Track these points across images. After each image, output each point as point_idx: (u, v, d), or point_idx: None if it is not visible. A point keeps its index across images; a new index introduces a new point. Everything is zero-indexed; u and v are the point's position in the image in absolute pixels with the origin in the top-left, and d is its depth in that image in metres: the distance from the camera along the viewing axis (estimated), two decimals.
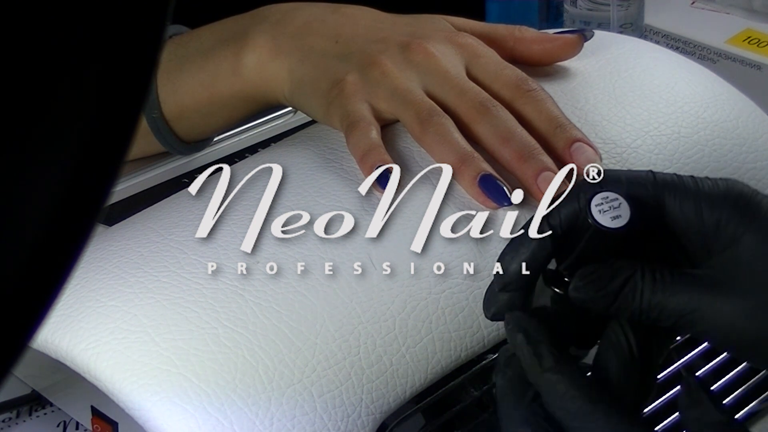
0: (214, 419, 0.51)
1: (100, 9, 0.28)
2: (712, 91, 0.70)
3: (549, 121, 0.62)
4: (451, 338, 0.56)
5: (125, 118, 0.29)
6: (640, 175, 0.52)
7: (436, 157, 0.60)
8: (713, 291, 0.50)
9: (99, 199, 0.30)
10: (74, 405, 0.64)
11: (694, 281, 0.50)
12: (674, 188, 0.52)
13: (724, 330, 0.50)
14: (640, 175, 0.52)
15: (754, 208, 0.51)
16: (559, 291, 0.51)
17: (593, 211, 0.50)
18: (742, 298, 0.50)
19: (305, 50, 0.66)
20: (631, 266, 0.51)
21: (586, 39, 0.69)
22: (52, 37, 0.27)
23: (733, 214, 0.51)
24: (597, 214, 0.50)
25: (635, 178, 0.52)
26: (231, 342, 0.53)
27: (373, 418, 0.53)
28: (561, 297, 0.51)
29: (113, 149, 0.29)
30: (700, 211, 0.51)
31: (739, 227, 0.51)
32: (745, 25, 1.06)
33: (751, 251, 0.50)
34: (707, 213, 0.51)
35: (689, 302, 0.50)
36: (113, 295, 0.55)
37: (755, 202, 0.51)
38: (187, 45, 0.69)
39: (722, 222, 0.51)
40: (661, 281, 0.50)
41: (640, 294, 0.50)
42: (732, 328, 0.50)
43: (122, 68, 0.29)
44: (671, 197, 0.52)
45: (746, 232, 0.51)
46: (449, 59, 0.64)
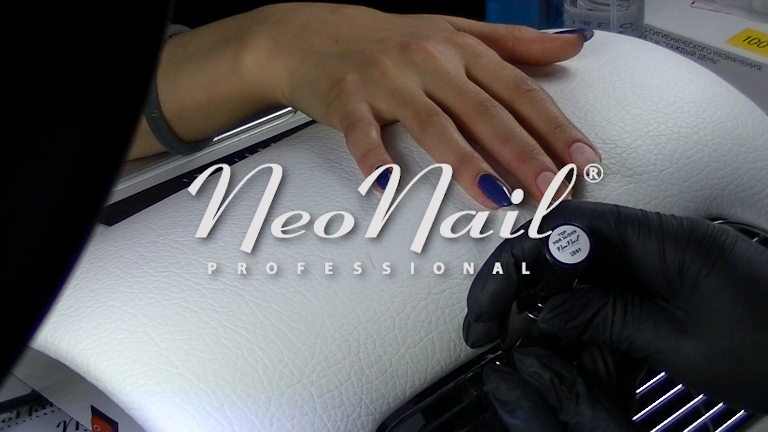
0: (214, 419, 0.51)
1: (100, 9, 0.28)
2: (712, 91, 0.70)
3: (548, 121, 0.62)
4: (451, 338, 0.56)
5: (125, 118, 0.29)
6: (604, 209, 0.52)
7: (436, 157, 0.60)
8: (677, 333, 0.50)
9: (99, 199, 0.30)
10: (74, 405, 0.64)
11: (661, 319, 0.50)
12: (638, 226, 0.51)
13: (684, 372, 0.50)
14: (605, 209, 0.52)
15: (718, 251, 0.50)
16: (533, 316, 0.51)
17: (551, 248, 0.50)
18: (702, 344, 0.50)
19: (305, 50, 0.66)
20: (602, 297, 0.51)
21: (586, 39, 0.69)
22: (52, 36, 0.27)
23: (696, 257, 0.50)
24: (555, 251, 0.50)
25: (599, 212, 0.52)
26: (231, 342, 0.53)
27: (373, 419, 0.53)
28: (534, 321, 0.51)
29: (113, 149, 0.29)
30: (663, 253, 0.51)
31: (702, 270, 0.50)
32: (745, 25, 1.06)
33: (713, 296, 0.50)
34: (670, 254, 0.51)
35: (654, 342, 0.50)
36: (113, 295, 0.55)
37: (718, 244, 0.51)
38: (187, 45, 0.69)
39: (685, 264, 0.50)
40: (630, 314, 0.50)
41: (611, 326, 0.50)
42: (693, 371, 0.50)
43: (122, 68, 0.29)
44: (635, 235, 0.51)
45: (709, 276, 0.50)
46: (449, 59, 0.64)
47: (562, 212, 0.52)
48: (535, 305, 0.52)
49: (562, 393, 0.50)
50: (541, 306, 0.51)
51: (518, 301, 0.52)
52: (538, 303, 0.51)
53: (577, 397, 0.50)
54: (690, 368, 0.50)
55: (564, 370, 0.51)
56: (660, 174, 0.64)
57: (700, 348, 0.50)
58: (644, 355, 0.51)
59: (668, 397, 0.62)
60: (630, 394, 0.53)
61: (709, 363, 0.50)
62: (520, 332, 0.52)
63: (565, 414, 0.50)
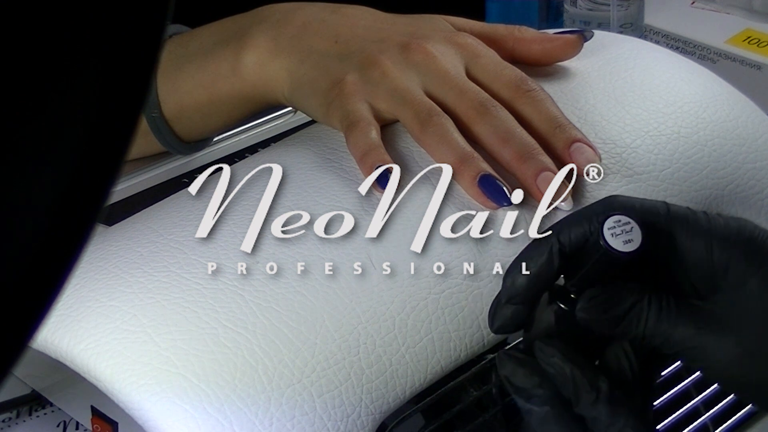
0: (214, 419, 0.51)
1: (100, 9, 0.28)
2: (712, 91, 0.70)
3: (548, 121, 0.62)
4: (450, 338, 0.56)
5: (125, 118, 0.29)
6: (654, 205, 0.52)
7: (436, 157, 0.60)
8: (715, 330, 0.51)
9: (99, 199, 0.30)
10: (74, 405, 0.64)
11: (699, 316, 0.51)
12: (686, 223, 0.52)
13: (718, 369, 0.51)
14: (654, 204, 0.52)
15: (764, 254, 0.51)
16: (564, 307, 0.51)
17: (605, 234, 0.50)
18: (739, 342, 0.50)
19: (305, 50, 0.66)
20: (638, 291, 0.51)
21: (586, 39, 0.69)
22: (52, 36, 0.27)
23: (742, 257, 0.51)
24: (609, 237, 0.50)
25: (649, 207, 0.52)
26: (231, 342, 0.53)
27: (373, 418, 0.53)
28: (565, 313, 0.51)
29: (113, 149, 0.29)
30: (710, 250, 0.51)
31: (748, 270, 0.51)
32: (745, 25, 1.06)
33: (755, 297, 0.51)
34: (717, 253, 0.51)
35: (693, 337, 0.50)
36: (113, 295, 0.55)
37: (765, 247, 0.52)
38: (187, 45, 0.69)
39: (731, 263, 0.51)
40: (666, 310, 0.51)
41: (645, 321, 0.50)
42: (726, 369, 0.51)
43: (122, 68, 0.29)
44: (682, 231, 0.52)
45: (753, 277, 0.51)
46: (449, 59, 0.64)
47: (611, 205, 0.52)
48: (568, 297, 0.52)
49: (582, 386, 0.50)
50: (573, 298, 0.51)
51: (550, 291, 0.52)
52: (570, 295, 0.51)
53: (598, 392, 0.50)
54: (726, 365, 0.50)
55: (585, 365, 0.51)
56: (660, 174, 0.64)
57: (739, 346, 0.50)
58: (679, 350, 0.51)
59: (668, 397, 0.62)
60: (649, 395, 0.53)
61: (746, 361, 0.50)
62: (546, 324, 0.52)
63: (581, 408, 0.50)
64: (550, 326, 0.52)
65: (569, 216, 0.53)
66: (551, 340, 0.51)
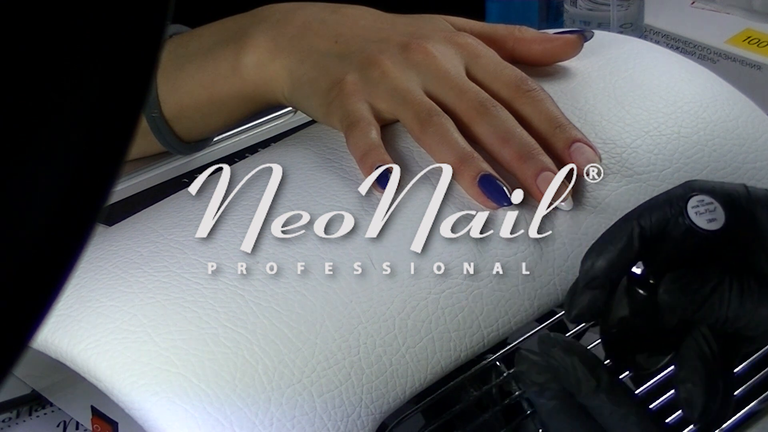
0: (214, 419, 0.51)
1: (99, 9, 0.28)
2: (712, 91, 0.70)
3: (548, 121, 0.62)
4: (450, 338, 0.56)
5: (125, 118, 0.29)
6: (734, 187, 0.53)
7: (436, 157, 0.60)
8: None
9: (99, 199, 0.30)
10: (74, 405, 0.64)
11: None
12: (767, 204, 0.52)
13: None
14: (734, 186, 0.53)
15: None
16: (642, 292, 0.51)
17: (689, 213, 0.50)
18: None
19: (305, 50, 0.66)
20: (719, 273, 0.51)
21: (586, 39, 0.69)
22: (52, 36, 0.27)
23: None
24: (693, 216, 0.50)
25: (729, 189, 0.52)
26: (231, 342, 0.53)
27: (373, 418, 0.53)
28: (643, 300, 0.51)
29: (113, 149, 0.29)
30: None
31: None
32: (745, 25, 1.06)
33: None
34: None
35: None
36: (113, 295, 0.55)
37: None
38: (187, 45, 0.69)
39: None
40: (749, 291, 0.50)
41: (728, 303, 0.50)
42: None
43: (122, 68, 0.29)
44: (764, 212, 0.52)
45: None
46: (449, 59, 0.64)
47: (692, 188, 0.52)
48: (647, 283, 0.51)
49: (582, 374, 0.50)
50: (652, 283, 0.51)
51: (628, 277, 0.52)
52: (650, 281, 0.51)
53: (599, 381, 0.50)
54: None
55: (586, 354, 0.51)
56: (660, 174, 0.64)
57: None
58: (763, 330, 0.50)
59: (668, 397, 0.62)
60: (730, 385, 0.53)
61: None
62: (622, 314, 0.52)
63: (583, 397, 0.51)
64: (626, 316, 0.52)
65: (649, 200, 0.53)
66: (555, 333, 0.52)
